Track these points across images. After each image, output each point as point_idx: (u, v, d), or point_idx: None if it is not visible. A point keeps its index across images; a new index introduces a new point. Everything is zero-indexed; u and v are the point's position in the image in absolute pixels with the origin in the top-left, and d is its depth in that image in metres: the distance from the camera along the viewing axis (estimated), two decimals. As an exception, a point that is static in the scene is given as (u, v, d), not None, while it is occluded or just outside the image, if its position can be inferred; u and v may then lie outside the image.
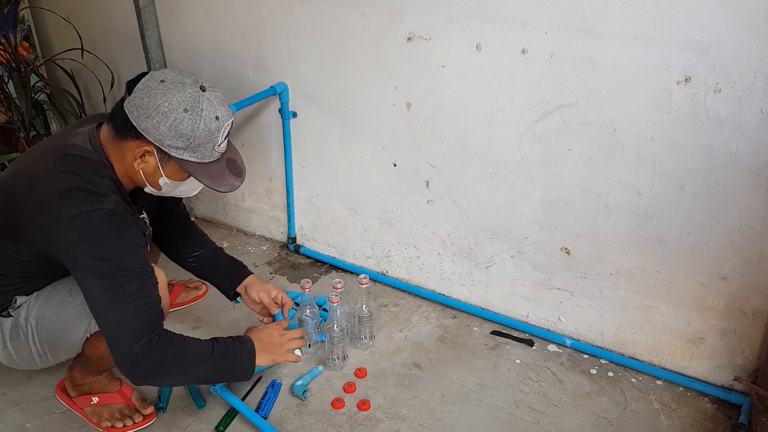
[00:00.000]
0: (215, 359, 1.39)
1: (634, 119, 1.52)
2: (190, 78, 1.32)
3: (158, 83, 1.29)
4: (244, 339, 1.49)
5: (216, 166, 1.38)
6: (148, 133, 1.29)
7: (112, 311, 1.27)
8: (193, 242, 1.74)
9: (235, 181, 1.41)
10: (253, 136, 2.26)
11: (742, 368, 1.64)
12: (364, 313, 1.82)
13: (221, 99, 1.35)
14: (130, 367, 1.30)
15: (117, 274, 1.26)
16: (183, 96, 1.28)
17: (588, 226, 1.71)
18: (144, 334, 1.28)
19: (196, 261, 1.73)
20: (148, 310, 1.30)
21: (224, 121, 1.34)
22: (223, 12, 2.09)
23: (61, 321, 1.42)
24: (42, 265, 1.38)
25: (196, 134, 1.30)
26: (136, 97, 1.30)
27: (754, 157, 1.42)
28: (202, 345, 1.39)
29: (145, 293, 1.30)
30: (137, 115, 1.29)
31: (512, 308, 1.97)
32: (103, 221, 1.26)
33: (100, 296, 1.27)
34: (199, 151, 1.33)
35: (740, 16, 1.32)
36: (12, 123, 2.53)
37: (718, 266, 1.57)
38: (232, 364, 1.43)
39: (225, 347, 1.42)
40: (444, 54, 1.72)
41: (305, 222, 2.32)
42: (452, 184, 1.89)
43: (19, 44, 2.55)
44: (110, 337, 1.29)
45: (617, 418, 1.63)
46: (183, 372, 1.37)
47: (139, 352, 1.27)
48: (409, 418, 1.62)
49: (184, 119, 1.28)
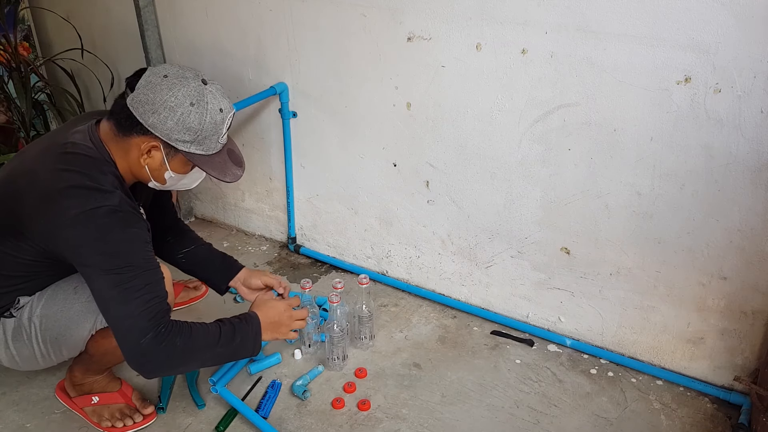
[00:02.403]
0: (223, 343, 1.39)
1: (634, 119, 1.52)
2: (190, 72, 1.33)
3: (161, 78, 1.30)
4: (250, 317, 1.47)
5: (219, 158, 1.41)
6: (155, 129, 1.30)
7: (120, 306, 1.27)
8: (184, 239, 1.75)
9: (238, 170, 1.44)
10: (253, 136, 2.26)
11: (742, 368, 1.65)
12: (364, 313, 1.82)
13: (222, 91, 1.38)
14: (141, 361, 1.30)
15: (124, 269, 1.27)
16: (188, 90, 1.30)
17: (588, 226, 1.71)
18: (152, 327, 1.28)
19: (187, 257, 1.73)
20: (156, 304, 1.30)
21: (227, 113, 1.37)
22: (223, 12, 2.09)
23: (66, 319, 1.42)
24: (46, 264, 1.38)
25: (203, 127, 1.32)
26: (140, 93, 1.30)
27: (754, 157, 1.42)
28: (209, 331, 1.38)
29: (152, 288, 1.30)
30: (143, 111, 1.29)
31: (512, 308, 1.97)
32: (109, 217, 1.27)
33: (107, 292, 1.27)
34: (206, 144, 1.35)
35: (740, 16, 1.32)
36: (12, 123, 2.53)
37: (718, 266, 1.57)
38: (240, 345, 1.43)
39: (232, 329, 1.41)
40: (444, 54, 1.72)
41: (305, 222, 2.32)
42: (452, 184, 1.89)
43: (19, 44, 2.55)
44: (119, 332, 1.30)
45: (617, 418, 1.63)
46: (192, 360, 1.37)
47: (148, 346, 1.28)
48: (409, 418, 1.62)
49: (191, 113, 1.30)
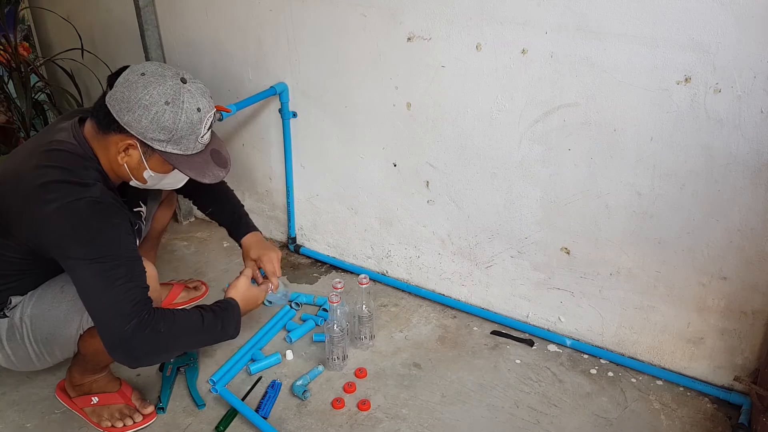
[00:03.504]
0: (206, 329, 1.39)
1: (634, 119, 1.52)
2: (170, 71, 1.32)
3: (138, 76, 1.29)
4: (228, 302, 1.48)
5: (200, 158, 1.39)
6: (130, 127, 1.29)
7: (103, 294, 1.26)
8: (207, 197, 1.80)
9: (220, 171, 1.42)
10: (253, 136, 2.26)
11: (742, 368, 1.64)
12: (364, 313, 1.82)
13: (203, 90, 1.35)
14: (125, 348, 1.28)
15: (107, 258, 1.26)
16: (164, 89, 1.29)
17: (588, 226, 1.71)
18: (136, 313, 1.26)
19: (213, 214, 1.82)
20: (138, 292, 1.29)
21: (206, 113, 1.35)
22: (223, 12, 2.09)
23: (53, 318, 1.42)
24: (34, 263, 1.38)
25: (178, 126, 1.31)
26: (117, 91, 1.30)
27: (754, 157, 1.42)
28: (191, 317, 1.38)
29: (134, 277, 1.29)
30: (119, 109, 1.29)
31: (512, 308, 1.97)
32: (90, 208, 1.27)
33: (90, 281, 1.26)
34: (182, 143, 1.34)
35: (740, 16, 1.32)
36: (12, 123, 2.53)
37: (718, 266, 1.57)
38: (221, 330, 1.43)
39: (213, 315, 1.41)
40: (444, 54, 1.72)
41: (305, 222, 2.32)
42: (452, 184, 1.89)
43: (19, 44, 2.55)
44: (101, 321, 1.28)
45: (617, 418, 1.63)
46: (175, 346, 1.37)
47: (131, 333, 1.26)
48: (409, 418, 1.62)
49: (166, 112, 1.29)
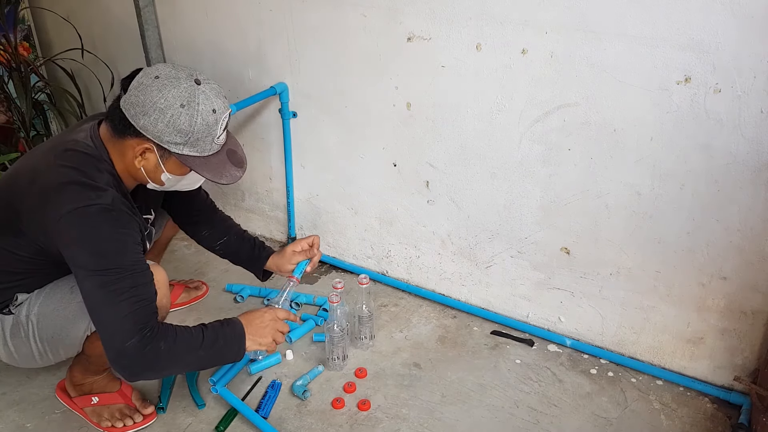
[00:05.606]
0: (206, 346, 1.37)
1: (634, 119, 1.52)
2: (184, 72, 1.31)
3: (153, 80, 1.29)
4: (233, 322, 1.45)
5: (216, 159, 1.38)
6: (146, 131, 1.29)
7: (105, 308, 1.26)
8: (216, 230, 1.77)
9: (237, 171, 1.41)
10: (253, 136, 2.26)
11: (742, 368, 1.64)
12: (364, 313, 1.82)
13: (217, 91, 1.34)
14: (124, 364, 1.28)
15: (111, 272, 1.26)
16: (178, 91, 1.28)
17: (588, 226, 1.71)
18: (136, 331, 1.26)
19: (222, 248, 1.77)
20: (141, 308, 1.28)
21: (221, 114, 1.34)
22: (223, 12, 2.09)
23: (62, 318, 1.41)
24: (43, 262, 1.38)
25: (194, 129, 1.30)
26: (131, 95, 1.29)
27: (754, 157, 1.42)
28: (192, 334, 1.37)
29: (138, 290, 1.29)
30: (134, 113, 1.29)
31: (512, 308, 1.97)
32: (100, 216, 1.26)
33: (93, 292, 1.27)
34: (199, 145, 1.33)
35: (740, 16, 1.32)
36: (12, 123, 2.53)
37: (718, 266, 1.57)
38: (222, 349, 1.40)
39: (215, 334, 1.39)
40: (444, 54, 1.72)
41: (305, 222, 2.32)
42: (452, 184, 1.89)
43: (19, 44, 2.55)
44: (103, 334, 1.29)
45: (617, 418, 1.63)
46: (175, 364, 1.36)
47: (132, 350, 1.26)
48: (409, 418, 1.62)
49: (181, 115, 1.28)
